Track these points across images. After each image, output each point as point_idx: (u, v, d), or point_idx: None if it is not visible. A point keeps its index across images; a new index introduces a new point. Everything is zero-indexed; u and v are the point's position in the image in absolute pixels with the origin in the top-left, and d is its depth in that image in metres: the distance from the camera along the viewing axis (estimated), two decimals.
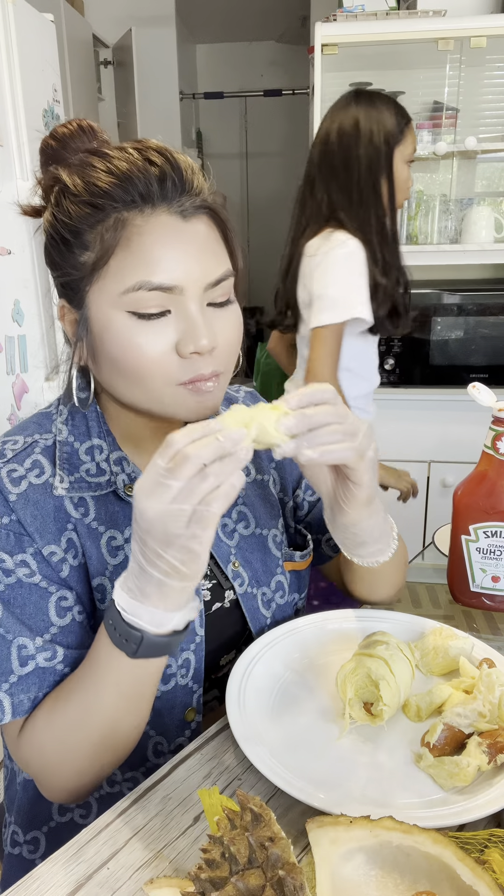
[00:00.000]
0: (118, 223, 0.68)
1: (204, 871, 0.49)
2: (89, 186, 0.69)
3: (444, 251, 2.43)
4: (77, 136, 0.74)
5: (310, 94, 3.33)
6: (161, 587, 0.60)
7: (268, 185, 5.25)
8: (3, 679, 0.70)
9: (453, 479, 2.49)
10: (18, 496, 0.72)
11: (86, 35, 3.51)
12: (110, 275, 0.68)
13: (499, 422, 0.94)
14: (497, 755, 0.66)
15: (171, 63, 4.14)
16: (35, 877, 0.59)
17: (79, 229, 0.69)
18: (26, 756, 0.71)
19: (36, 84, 1.96)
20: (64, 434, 0.78)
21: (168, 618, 0.62)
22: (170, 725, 0.80)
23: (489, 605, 1.00)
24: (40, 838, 0.83)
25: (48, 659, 0.71)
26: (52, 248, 0.73)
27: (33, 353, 1.97)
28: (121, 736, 0.69)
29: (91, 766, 0.70)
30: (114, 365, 0.71)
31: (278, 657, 0.81)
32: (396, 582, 0.90)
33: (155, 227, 0.68)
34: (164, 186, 0.68)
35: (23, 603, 0.71)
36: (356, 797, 0.64)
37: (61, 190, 0.71)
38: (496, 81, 2.51)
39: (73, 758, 0.69)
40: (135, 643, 0.62)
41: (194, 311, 0.69)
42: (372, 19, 2.33)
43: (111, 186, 0.68)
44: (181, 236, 0.68)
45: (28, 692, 0.70)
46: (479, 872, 0.51)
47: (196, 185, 0.70)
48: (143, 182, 0.68)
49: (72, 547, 0.74)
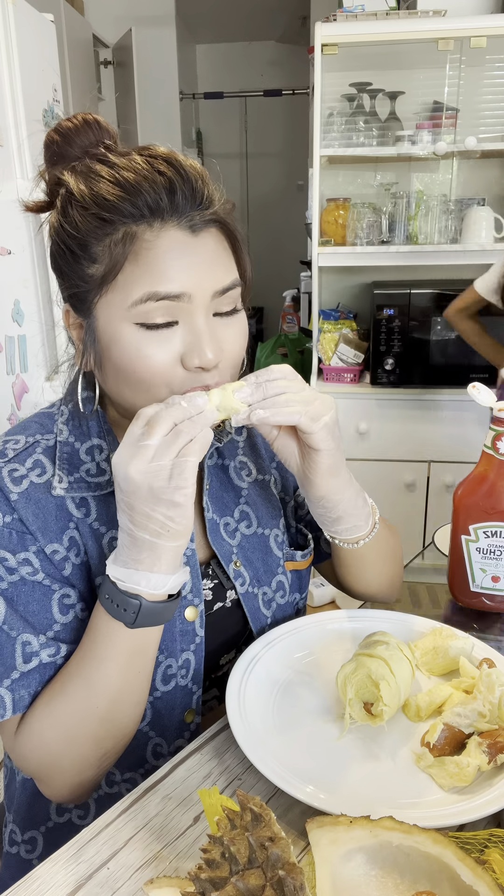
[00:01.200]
0: (127, 237, 0.67)
1: (204, 871, 0.49)
2: (96, 198, 0.68)
3: (444, 251, 2.43)
4: (82, 130, 0.73)
5: (310, 94, 3.33)
6: (154, 549, 0.64)
7: (268, 185, 5.25)
8: (5, 675, 0.70)
9: (453, 479, 2.49)
10: (20, 495, 0.73)
11: (86, 35, 3.51)
12: (118, 288, 0.68)
13: (499, 422, 0.94)
14: (497, 755, 0.66)
15: (171, 63, 4.14)
16: (35, 877, 0.59)
17: (87, 242, 0.69)
18: (26, 751, 0.71)
19: (36, 84, 1.96)
20: (65, 434, 0.78)
21: (163, 580, 0.65)
22: (169, 727, 0.80)
23: (489, 605, 1.00)
24: (38, 838, 0.83)
25: (51, 655, 0.72)
26: (60, 257, 0.72)
27: (33, 353, 1.97)
28: (122, 716, 0.70)
29: (93, 752, 0.70)
30: (120, 374, 0.71)
31: (278, 657, 0.81)
32: (386, 572, 0.90)
33: (165, 242, 0.67)
34: (174, 200, 0.67)
35: (26, 600, 0.72)
36: (356, 797, 0.64)
37: (67, 196, 0.70)
38: (496, 81, 2.51)
39: (75, 744, 0.69)
40: (133, 611, 0.65)
41: (201, 323, 0.69)
42: (372, 19, 2.33)
43: (119, 200, 0.67)
44: (190, 249, 0.68)
45: (28, 688, 0.70)
46: (479, 872, 0.51)
47: (206, 196, 0.69)
48: (152, 194, 0.66)
49: (74, 545, 0.75)
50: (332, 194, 2.64)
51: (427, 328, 2.40)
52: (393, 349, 2.41)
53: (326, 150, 2.45)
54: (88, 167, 0.70)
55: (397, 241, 2.49)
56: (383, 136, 2.48)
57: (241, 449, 0.92)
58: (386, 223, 2.50)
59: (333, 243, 2.54)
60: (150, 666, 0.71)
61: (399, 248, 2.46)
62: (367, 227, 2.48)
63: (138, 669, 0.70)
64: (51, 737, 0.69)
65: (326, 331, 2.63)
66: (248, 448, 0.93)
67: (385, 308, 2.38)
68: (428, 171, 2.65)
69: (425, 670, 0.81)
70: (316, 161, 2.45)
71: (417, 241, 2.49)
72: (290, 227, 4.93)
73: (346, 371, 2.57)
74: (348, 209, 2.54)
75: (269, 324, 5.31)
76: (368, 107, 2.51)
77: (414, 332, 2.40)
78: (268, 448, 0.94)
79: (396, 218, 2.48)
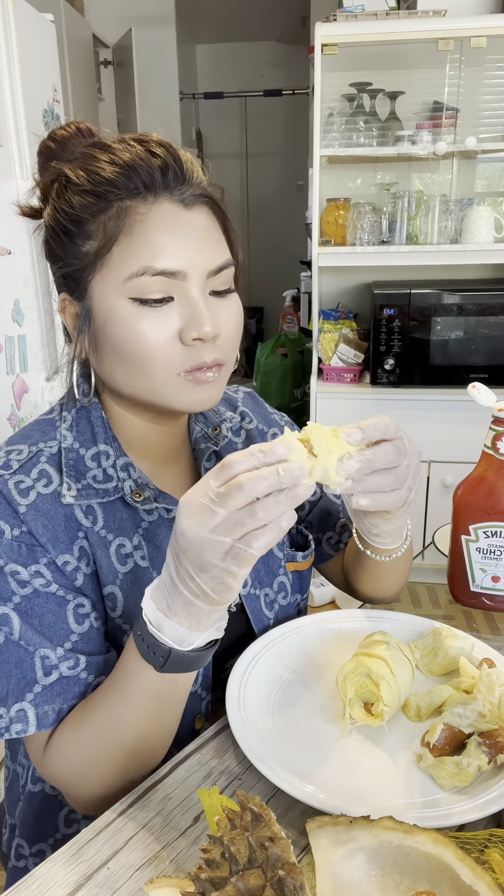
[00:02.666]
0: (121, 211, 0.69)
1: (204, 871, 0.49)
2: (92, 176, 0.70)
3: (444, 251, 2.43)
4: (76, 138, 0.75)
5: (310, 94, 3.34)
6: (189, 607, 0.59)
7: (268, 185, 5.25)
8: (27, 690, 0.69)
9: (453, 479, 2.49)
10: (28, 507, 0.71)
11: (86, 35, 3.51)
12: (113, 262, 0.69)
13: (499, 422, 0.94)
14: (497, 755, 0.66)
15: (171, 63, 4.14)
16: (35, 877, 0.59)
17: (81, 219, 0.70)
18: (54, 772, 0.70)
19: (36, 84, 1.96)
20: (69, 441, 0.77)
21: (193, 637, 0.61)
22: (179, 734, 0.79)
23: (489, 605, 1.00)
24: (46, 850, 0.82)
25: (71, 668, 0.70)
26: (53, 240, 0.73)
27: (33, 353, 1.97)
28: (149, 749, 0.69)
29: (120, 778, 0.69)
30: (116, 353, 0.71)
31: (278, 657, 0.81)
32: (403, 578, 0.91)
33: (157, 214, 0.69)
34: (167, 176, 0.70)
35: (41, 613, 0.70)
36: (356, 797, 0.64)
37: (63, 183, 0.72)
38: (496, 81, 2.51)
39: (101, 771, 0.68)
40: (162, 656, 0.62)
41: (197, 297, 0.70)
42: (372, 19, 2.33)
43: (114, 175, 0.69)
44: (183, 224, 0.70)
45: (53, 703, 0.69)
46: (479, 872, 0.51)
47: (196, 175, 0.72)
48: (146, 171, 0.69)
49: (84, 555, 0.74)
50: (332, 194, 2.64)
51: (427, 328, 2.40)
52: (393, 349, 2.41)
53: (326, 150, 2.45)
54: (86, 153, 0.72)
55: (397, 241, 2.48)
56: (383, 136, 2.48)
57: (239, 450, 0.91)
58: (386, 223, 2.50)
59: (333, 243, 2.53)
60: (180, 708, 0.69)
61: (399, 248, 2.45)
62: (367, 227, 2.48)
63: (168, 711, 0.68)
64: (78, 763, 0.69)
65: (326, 331, 2.63)
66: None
67: (385, 308, 2.38)
68: (428, 171, 2.65)
69: (425, 670, 0.81)
70: (316, 161, 2.45)
71: (417, 241, 2.49)
72: (290, 227, 4.94)
73: (346, 371, 2.57)
74: (348, 209, 2.54)
75: (269, 324, 5.31)
76: (368, 107, 2.51)
77: (414, 332, 2.40)
78: None
79: (396, 218, 2.48)
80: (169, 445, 0.84)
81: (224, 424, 0.90)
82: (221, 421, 0.90)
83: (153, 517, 0.78)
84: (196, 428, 0.88)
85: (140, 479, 0.77)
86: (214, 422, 0.89)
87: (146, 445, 0.81)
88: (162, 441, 0.82)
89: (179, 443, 0.86)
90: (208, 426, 0.89)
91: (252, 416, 0.95)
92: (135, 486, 0.77)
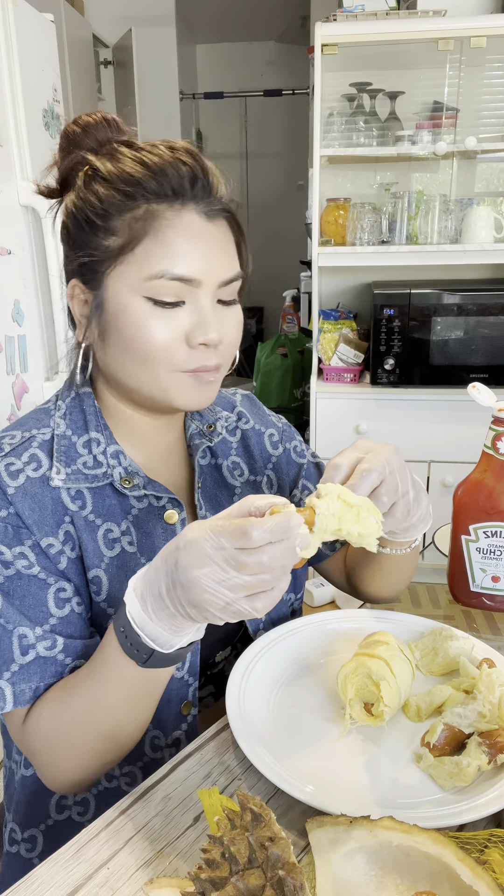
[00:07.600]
0: (148, 214, 0.71)
1: (204, 871, 0.49)
2: (122, 173, 0.72)
3: (444, 251, 2.43)
4: (101, 126, 0.76)
5: (310, 94, 3.34)
6: (172, 620, 0.60)
7: (268, 185, 5.24)
8: (4, 668, 0.70)
9: (453, 479, 2.49)
10: (17, 489, 0.73)
11: (86, 35, 3.50)
12: (134, 261, 0.71)
13: (499, 422, 0.94)
14: (497, 755, 0.66)
15: (171, 63, 4.14)
16: (35, 877, 0.59)
17: (107, 214, 0.72)
18: (31, 746, 0.72)
19: (36, 84, 1.96)
20: (62, 428, 0.79)
21: (175, 640, 0.62)
22: (166, 719, 0.80)
23: (489, 605, 1.00)
24: (38, 836, 0.83)
25: (48, 648, 0.72)
26: (75, 227, 0.75)
27: (33, 353, 1.97)
28: (124, 735, 0.70)
29: (94, 761, 0.71)
30: (124, 346, 0.73)
31: (278, 657, 0.81)
32: (409, 576, 0.93)
33: (183, 222, 0.71)
34: (195, 186, 0.72)
35: (22, 594, 0.72)
36: (356, 797, 0.64)
37: (91, 172, 0.74)
38: (496, 81, 2.51)
39: (76, 752, 0.70)
40: (145, 654, 0.63)
41: (207, 305, 0.73)
42: (372, 19, 2.33)
43: (145, 177, 0.71)
44: (205, 235, 0.72)
45: (29, 682, 0.71)
46: (479, 872, 0.51)
47: (220, 189, 0.75)
48: (176, 178, 0.71)
49: (69, 539, 0.75)
50: (332, 194, 2.64)
51: (427, 328, 2.40)
52: (393, 349, 2.41)
53: (326, 150, 2.45)
54: (113, 149, 0.74)
55: (397, 241, 2.48)
56: (383, 136, 2.48)
57: (234, 449, 0.93)
58: (386, 223, 2.50)
59: (333, 243, 2.53)
60: (157, 697, 0.70)
61: (399, 248, 2.45)
62: (367, 227, 2.48)
63: (147, 701, 0.69)
64: (54, 741, 0.70)
65: (326, 331, 2.63)
66: (241, 449, 0.94)
67: (385, 308, 2.38)
68: (428, 171, 2.65)
69: (425, 670, 0.81)
70: (316, 161, 2.45)
71: (417, 241, 2.49)
72: (290, 227, 4.94)
73: (346, 371, 2.57)
74: (348, 209, 2.54)
75: (269, 324, 5.32)
76: (368, 107, 2.51)
77: (414, 332, 2.40)
78: (263, 450, 0.95)
79: (396, 218, 2.48)
80: (164, 439, 0.86)
81: (219, 422, 0.93)
82: (216, 419, 0.93)
83: (143, 504, 0.80)
84: (192, 425, 0.90)
85: (130, 467, 0.79)
86: (209, 419, 0.92)
87: (141, 437, 0.83)
88: (157, 434, 0.85)
89: (175, 437, 0.88)
90: (203, 423, 0.91)
91: (249, 417, 0.97)
92: (124, 474, 0.79)
